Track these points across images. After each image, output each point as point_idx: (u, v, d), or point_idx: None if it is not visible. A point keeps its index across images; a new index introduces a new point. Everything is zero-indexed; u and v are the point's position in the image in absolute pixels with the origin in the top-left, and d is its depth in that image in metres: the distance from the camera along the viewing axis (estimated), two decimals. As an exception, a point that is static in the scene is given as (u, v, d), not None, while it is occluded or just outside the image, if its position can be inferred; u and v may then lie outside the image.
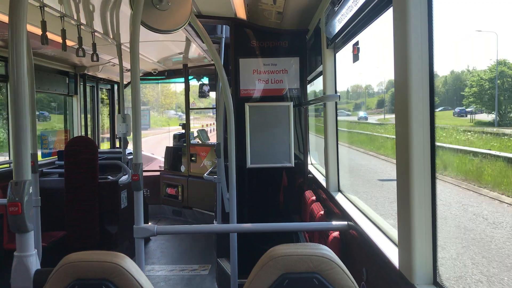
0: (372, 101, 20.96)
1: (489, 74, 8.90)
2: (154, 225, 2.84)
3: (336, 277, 1.43)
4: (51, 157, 7.33)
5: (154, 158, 11.92)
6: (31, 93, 4.00)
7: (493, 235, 6.53)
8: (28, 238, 1.89)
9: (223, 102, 4.74)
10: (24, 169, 1.86)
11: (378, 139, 15.00)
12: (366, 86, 21.54)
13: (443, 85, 10.81)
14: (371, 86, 21.00)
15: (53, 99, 8.49)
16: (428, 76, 1.78)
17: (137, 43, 2.72)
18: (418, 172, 1.78)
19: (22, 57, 1.85)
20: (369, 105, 21.19)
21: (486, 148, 7.47)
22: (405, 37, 1.79)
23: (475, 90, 9.05)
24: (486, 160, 7.23)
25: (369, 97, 21.25)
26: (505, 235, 6.41)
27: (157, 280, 5.65)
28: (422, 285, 1.79)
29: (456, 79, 10.70)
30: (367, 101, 21.51)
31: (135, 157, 2.78)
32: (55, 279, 1.43)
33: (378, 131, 16.42)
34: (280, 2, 3.92)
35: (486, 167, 7.14)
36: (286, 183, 5.05)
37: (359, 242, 2.63)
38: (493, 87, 8.69)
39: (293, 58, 4.97)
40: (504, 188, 6.90)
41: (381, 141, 14.39)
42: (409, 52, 1.77)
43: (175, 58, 8.20)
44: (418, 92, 1.77)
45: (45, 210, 4.82)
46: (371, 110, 20.81)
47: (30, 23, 4.31)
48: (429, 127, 1.78)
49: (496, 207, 6.99)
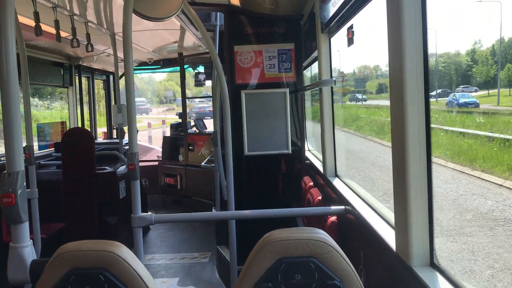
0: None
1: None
2: (152, 214, 2.85)
3: (333, 261, 1.43)
4: (48, 149, 7.32)
5: (152, 148, 11.91)
6: (25, 85, 3.98)
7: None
8: (23, 229, 1.89)
9: (218, 90, 4.72)
10: (17, 160, 1.85)
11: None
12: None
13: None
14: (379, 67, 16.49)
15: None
16: (423, 59, 1.77)
17: (129, 32, 2.69)
18: (413, 155, 1.78)
19: (10, 46, 1.83)
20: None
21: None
22: (398, 19, 1.77)
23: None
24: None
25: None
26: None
27: (157, 268, 5.68)
28: (419, 267, 1.80)
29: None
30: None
31: (131, 147, 2.78)
32: (51, 269, 1.43)
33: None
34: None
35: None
36: (284, 169, 5.06)
37: (356, 226, 2.64)
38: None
39: (288, 44, 4.94)
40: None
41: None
42: (403, 34, 1.76)
43: (170, 47, 8.14)
44: (413, 74, 1.76)
45: (44, 202, 4.82)
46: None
47: (22, 14, 4.27)
48: (424, 110, 1.78)
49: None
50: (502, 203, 6.17)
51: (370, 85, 17.18)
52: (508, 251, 5.31)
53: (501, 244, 5.52)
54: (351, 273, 1.44)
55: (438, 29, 3.43)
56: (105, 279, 1.41)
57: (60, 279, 1.41)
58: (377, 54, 18.64)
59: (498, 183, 6.40)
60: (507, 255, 5.16)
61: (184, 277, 5.38)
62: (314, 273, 1.41)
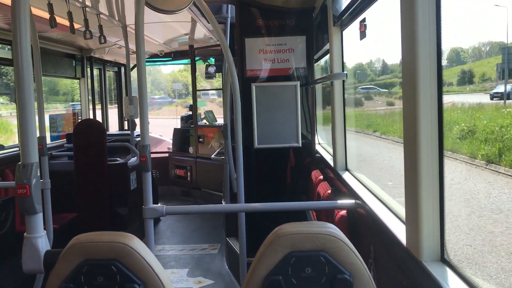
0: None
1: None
2: (163, 206, 2.87)
3: (343, 255, 1.44)
4: (59, 140, 7.39)
5: (163, 140, 11.98)
6: (38, 76, 4.01)
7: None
8: (37, 220, 1.91)
9: (229, 83, 4.72)
10: (31, 151, 1.87)
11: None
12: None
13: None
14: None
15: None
16: (436, 53, 1.75)
17: (141, 24, 2.70)
18: (425, 150, 1.77)
19: (25, 39, 1.85)
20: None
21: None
22: (412, 14, 1.76)
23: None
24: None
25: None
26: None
27: (167, 259, 5.73)
28: (429, 262, 1.79)
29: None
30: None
31: (142, 139, 2.80)
32: (65, 259, 1.46)
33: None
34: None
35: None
36: (294, 163, 5.06)
37: (366, 220, 2.64)
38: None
39: (299, 36, 4.92)
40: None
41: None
42: (416, 27, 1.74)
43: (181, 39, 8.15)
44: (426, 68, 1.75)
45: (56, 193, 4.88)
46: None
47: (35, 6, 4.30)
48: (437, 104, 1.76)
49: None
50: None
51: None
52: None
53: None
54: (361, 267, 1.44)
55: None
56: (117, 270, 1.43)
57: (73, 270, 1.44)
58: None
59: None
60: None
61: (194, 268, 5.43)
62: (324, 267, 1.42)
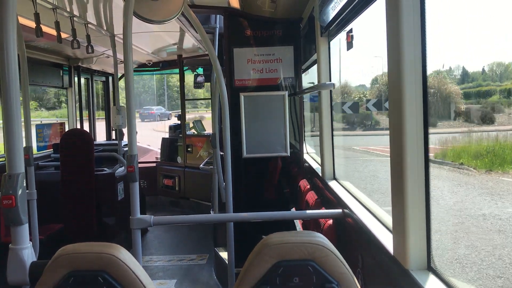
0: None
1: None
2: (151, 216, 2.85)
3: (331, 264, 1.44)
4: (46, 150, 7.31)
5: (150, 150, 11.91)
6: (25, 86, 3.98)
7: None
8: (23, 231, 1.89)
9: (217, 93, 4.73)
10: (17, 162, 1.86)
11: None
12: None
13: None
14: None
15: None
16: (421, 61, 1.78)
17: (130, 34, 2.70)
18: (411, 159, 1.79)
19: (12, 48, 1.84)
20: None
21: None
22: (397, 27, 1.78)
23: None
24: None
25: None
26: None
27: (155, 270, 5.68)
28: (416, 270, 1.80)
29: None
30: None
31: (130, 149, 2.79)
32: (51, 270, 1.44)
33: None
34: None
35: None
36: (282, 172, 5.07)
37: (354, 229, 2.65)
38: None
39: (287, 47, 4.96)
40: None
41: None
42: (401, 43, 1.77)
43: (169, 49, 8.15)
44: (411, 77, 1.77)
45: (42, 203, 4.82)
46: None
47: (22, 15, 4.28)
48: (422, 115, 1.79)
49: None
50: None
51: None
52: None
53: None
54: (348, 276, 1.45)
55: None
56: (104, 281, 1.41)
57: (59, 281, 1.42)
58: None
59: None
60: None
61: (182, 279, 5.38)
62: (312, 276, 1.42)
